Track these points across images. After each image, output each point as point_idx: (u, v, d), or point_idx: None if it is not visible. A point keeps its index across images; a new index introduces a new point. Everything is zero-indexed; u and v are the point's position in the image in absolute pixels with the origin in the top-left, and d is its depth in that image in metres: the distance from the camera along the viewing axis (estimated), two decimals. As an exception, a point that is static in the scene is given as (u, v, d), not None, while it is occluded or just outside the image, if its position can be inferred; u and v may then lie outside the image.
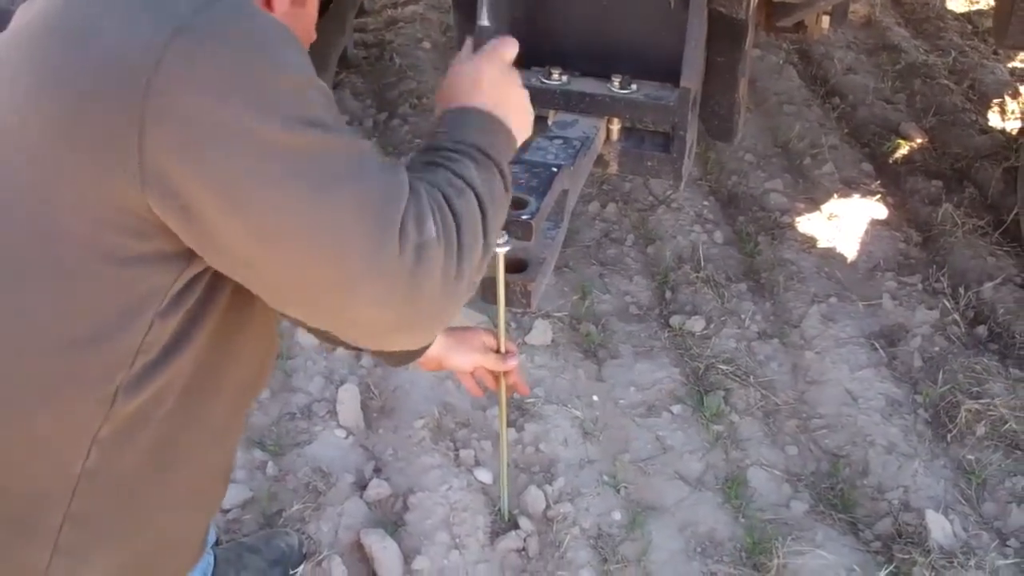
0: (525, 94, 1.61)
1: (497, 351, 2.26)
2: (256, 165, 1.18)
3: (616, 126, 2.75)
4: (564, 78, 2.72)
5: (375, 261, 1.23)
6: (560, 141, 2.50)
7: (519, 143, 1.58)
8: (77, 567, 1.33)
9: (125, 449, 1.32)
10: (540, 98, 2.74)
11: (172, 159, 1.17)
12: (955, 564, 2.57)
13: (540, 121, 2.82)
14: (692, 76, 2.67)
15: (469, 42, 1.74)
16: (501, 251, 2.21)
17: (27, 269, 1.25)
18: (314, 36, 1.58)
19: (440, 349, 2.19)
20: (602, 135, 2.70)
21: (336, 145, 1.24)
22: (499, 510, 2.70)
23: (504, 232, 2.17)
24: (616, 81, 2.68)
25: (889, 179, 4.36)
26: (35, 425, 1.28)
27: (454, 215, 1.32)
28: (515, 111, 1.55)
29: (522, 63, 1.64)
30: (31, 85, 1.22)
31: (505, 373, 2.29)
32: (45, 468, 1.30)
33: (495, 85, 1.55)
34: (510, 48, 1.63)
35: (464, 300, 1.37)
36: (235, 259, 1.25)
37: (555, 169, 2.32)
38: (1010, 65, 5.36)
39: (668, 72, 2.69)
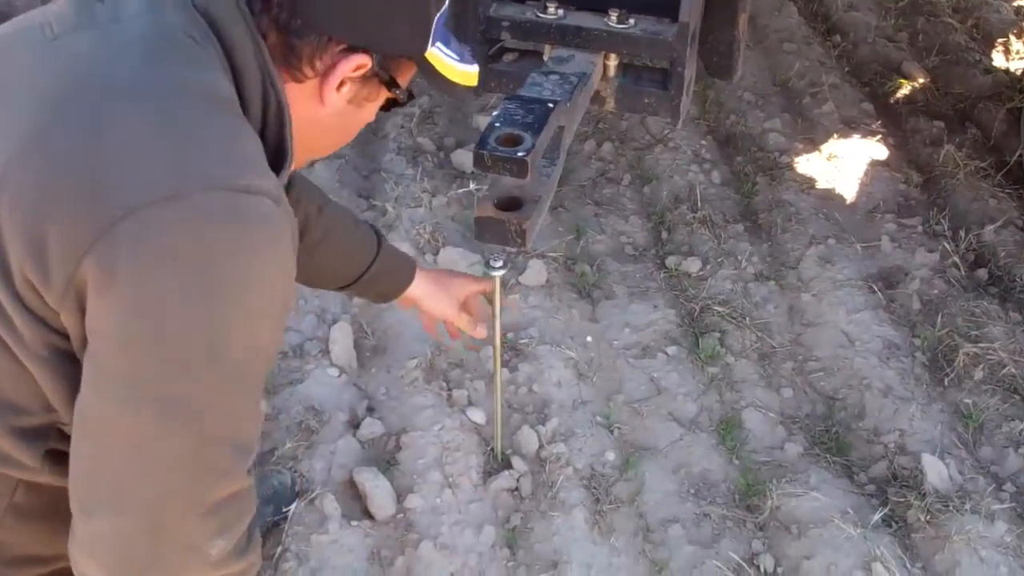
0: None
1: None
2: (137, 373, 1.16)
3: (613, 62, 2.70)
4: (560, 12, 2.66)
5: (159, 511, 1.22)
6: (556, 77, 2.44)
7: None
8: None
9: (51, 492, 1.33)
10: (536, 32, 2.69)
11: (91, 312, 1.15)
12: (950, 508, 2.56)
13: (536, 56, 2.79)
14: (691, 10, 2.62)
15: None
16: (497, 274, 2.19)
17: None
18: (351, 138, 1.55)
19: (419, 292, 2.18)
20: (599, 71, 2.65)
21: (223, 405, 1.22)
22: (492, 450, 2.69)
23: (499, 256, 2.17)
24: (613, 15, 2.62)
25: (890, 119, 4.31)
26: None
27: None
28: None
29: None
30: (28, 148, 1.18)
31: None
32: None
33: None
34: None
35: None
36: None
37: (551, 105, 2.27)
38: (1015, 4, 5.27)
39: (666, 6, 2.63)
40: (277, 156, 1.35)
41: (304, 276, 2.09)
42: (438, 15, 1.39)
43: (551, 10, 2.64)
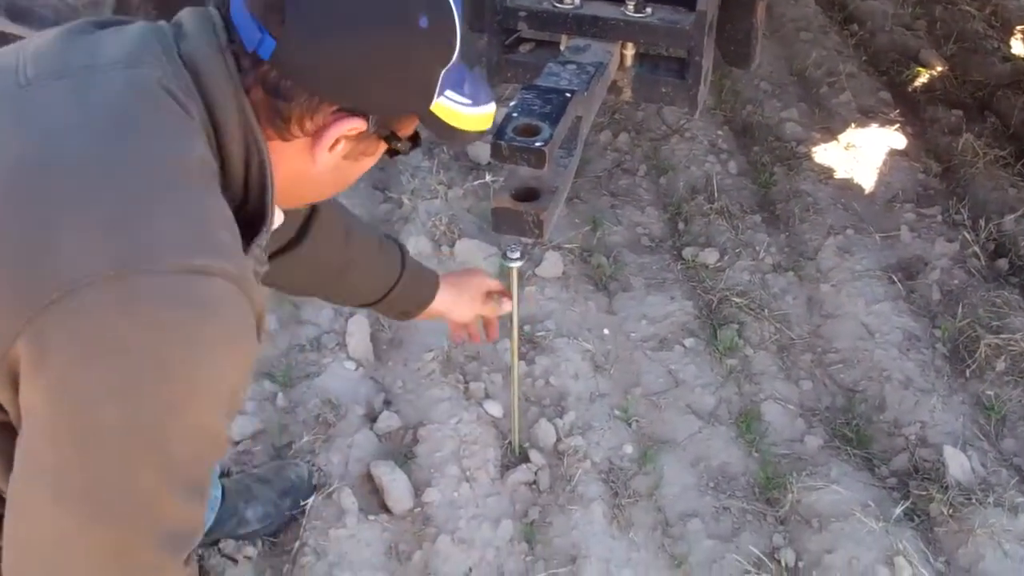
0: None
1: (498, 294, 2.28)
2: (64, 462, 1.11)
3: (630, 51, 2.69)
4: (577, 1, 2.65)
5: None
6: (573, 66, 2.43)
7: None
8: None
9: None
10: (552, 22, 2.68)
11: (23, 392, 1.11)
12: (973, 501, 2.53)
13: (553, 46, 2.77)
14: (709, -1, 2.60)
15: None
16: (515, 265, 2.18)
17: None
18: (349, 186, 1.50)
19: (443, 306, 2.18)
20: (616, 60, 2.64)
21: (154, 503, 1.16)
22: (509, 443, 2.67)
23: (517, 247, 2.15)
24: (631, 4, 2.61)
25: (908, 108, 4.28)
26: None
27: None
28: None
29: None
30: None
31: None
32: None
33: None
34: None
35: None
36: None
37: (568, 95, 2.26)
38: (1034, -9, 5.23)
39: (684, -5, 2.62)
40: (259, 215, 1.30)
41: (324, 295, 2.12)
42: (444, 70, 1.31)
43: (568, 0, 2.63)
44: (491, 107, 1.42)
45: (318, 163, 1.33)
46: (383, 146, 1.39)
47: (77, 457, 1.11)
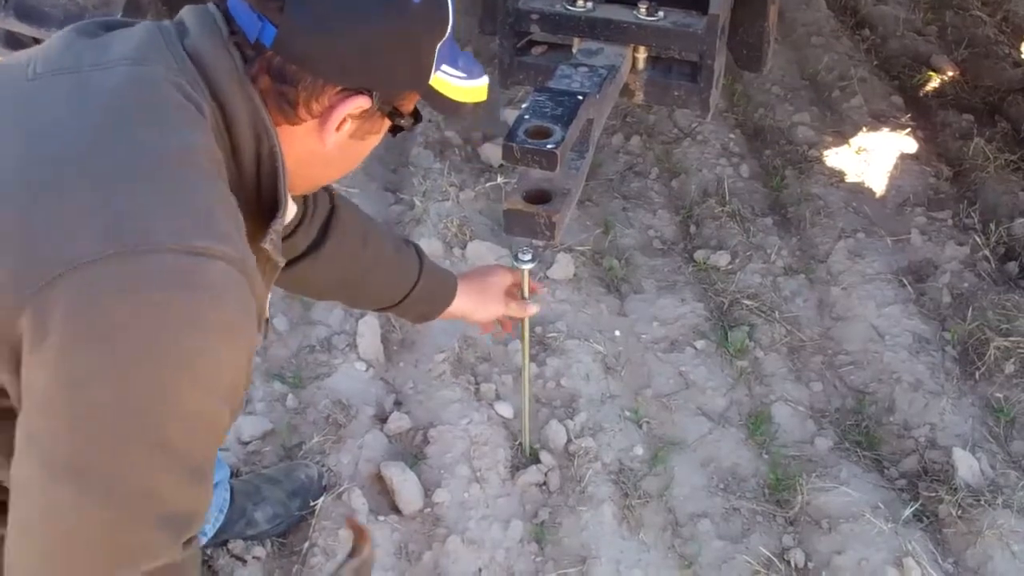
0: None
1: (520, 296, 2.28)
2: (60, 448, 1.12)
3: (642, 54, 2.69)
4: (589, 4, 2.65)
5: None
6: (585, 69, 2.44)
7: None
8: None
9: None
10: (565, 25, 2.68)
11: (24, 368, 1.12)
12: (982, 502, 2.54)
13: (565, 49, 2.78)
14: (721, 3, 2.60)
15: None
16: (526, 267, 2.18)
17: None
18: (356, 165, 1.54)
19: (465, 308, 2.18)
20: (628, 63, 2.64)
21: (150, 485, 1.16)
22: (520, 444, 2.68)
23: (528, 249, 2.16)
24: (643, 7, 2.61)
25: (919, 113, 4.27)
26: None
27: None
28: None
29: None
30: None
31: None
32: None
33: None
34: None
35: None
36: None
37: (580, 98, 2.27)
38: (1045, -4, 5.22)
39: (696, -2, 2.63)
40: (273, 203, 1.34)
41: (343, 299, 2.17)
42: (440, 44, 1.38)
43: (580, 3, 2.64)
44: (485, 79, 1.49)
45: (327, 143, 1.38)
46: (387, 123, 1.44)
47: (70, 434, 1.11)
